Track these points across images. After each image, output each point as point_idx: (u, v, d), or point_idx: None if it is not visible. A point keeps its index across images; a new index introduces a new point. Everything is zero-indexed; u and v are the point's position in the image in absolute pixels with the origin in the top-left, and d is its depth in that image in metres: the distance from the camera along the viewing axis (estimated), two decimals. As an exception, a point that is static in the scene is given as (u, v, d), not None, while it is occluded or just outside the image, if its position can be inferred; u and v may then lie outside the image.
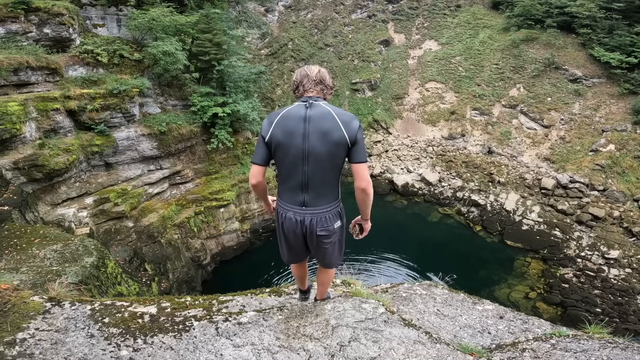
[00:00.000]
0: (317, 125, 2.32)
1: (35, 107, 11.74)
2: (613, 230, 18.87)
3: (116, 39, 15.18)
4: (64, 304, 2.33)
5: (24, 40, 12.40)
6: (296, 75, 2.57)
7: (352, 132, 2.33)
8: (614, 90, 24.27)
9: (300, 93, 2.53)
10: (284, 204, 2.53)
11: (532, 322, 2.82)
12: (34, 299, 2.30)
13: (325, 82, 2.52)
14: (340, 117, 2.34)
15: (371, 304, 2.51)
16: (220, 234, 18.08)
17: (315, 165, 2.35)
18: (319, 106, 2.39)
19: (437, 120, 29.12)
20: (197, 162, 17.91)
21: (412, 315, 2.77)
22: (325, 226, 2.47)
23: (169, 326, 2.26)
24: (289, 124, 2.36)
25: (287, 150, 2.37)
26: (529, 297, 16.66)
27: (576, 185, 21.15)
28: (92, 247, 8.55)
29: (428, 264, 18.15)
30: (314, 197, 2.44)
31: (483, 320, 2.82)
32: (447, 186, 24.64)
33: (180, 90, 16.93)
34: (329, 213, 2.49)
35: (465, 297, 3.23)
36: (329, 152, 2.32)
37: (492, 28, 31.57)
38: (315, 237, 2.49)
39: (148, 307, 2.42)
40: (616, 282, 16.81)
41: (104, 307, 2.33)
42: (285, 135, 2.35)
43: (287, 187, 2.49)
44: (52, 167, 11.72)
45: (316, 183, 2.41)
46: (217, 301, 2.69)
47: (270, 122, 2.43)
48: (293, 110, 2.42)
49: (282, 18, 36.09)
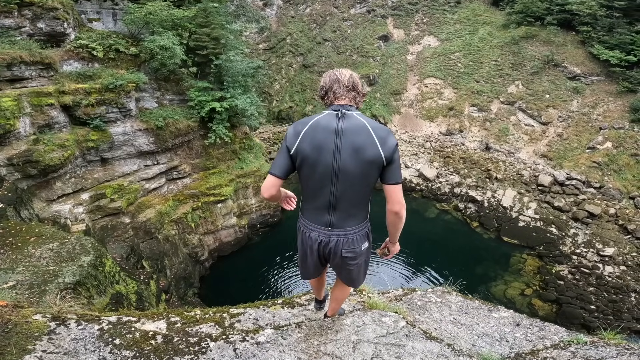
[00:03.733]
0: (350, 140, 2.06)
1: (30, 103, 11.53)
2: (608, 227, 19.03)
3: (112, 34, 14.94)
4: (69, 323, 2.23)
5: (17, 35, 12.13)
6: (324, 79, 2.28)
7: (389, 150, 2.08)
8: (612, 88, 24.33)
9: (330, 100, 2.24)
10: (307, 223, 2.31)
11: (548, 328, 2.79)
12: (36, 318, 2.20)
13: (358, 89, 2.24)
14: (377, 132, 2.08)
15: (391, 317, 2.44)
16: (218, 229, 18.01)
17: (345, 184, 2.12)
18: (353, 117, 2.12)
19: (436, 116, 29.08)
20: (195, 157, 17.76)
21: (430, 325, 2.72)
22: (351, 248, 2.28)
23: (184, 347, 2.15)
24: (318, 136, 2.09)
25: (314, 167, 2.12)
26: (524, 293, 16.78)
27: (573, 182, 21.26)
28: (89, 245, 8.41)
29: (425, 260, 18.24)
30: (341, 219, 2.22)
31: (500, 328, 2.78)
32: (445, 182, 24.68)
33: (177, 85, 16.72)
34: (356, 235, 2.28)
35: (480, 305, 3.19)
36: (362, 171, 2.08)
37: (492, 25, 31.47)
38: (340, 258, 2.31)
39: (157, 322, 2.32)
40: (611, 280, 16.96)
41: (112, 327, 2.23)
42: (314, 150, 2.08)
43: (312, 206, 2.27)
44: (47, 162, 11.56)
45: (345, 204, 2.18)
46: (229, 314, 2.60)
47: (296, 133, 2.15)
48: (323, 120, 2.13)
49: (281, 12, 35.71)
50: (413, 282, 16.77)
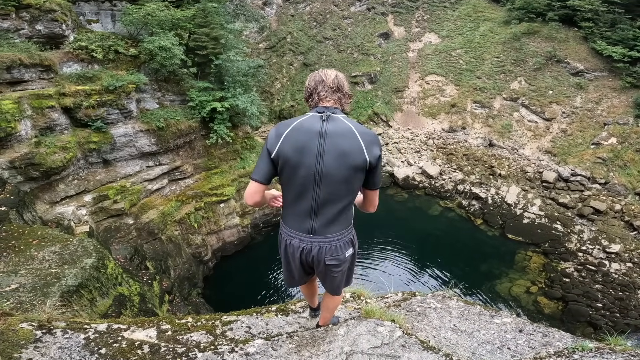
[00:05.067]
0: (335, 143, 1.98)
1: (30, 105, 11.53)
2: (614, 224, 18.82)
3: (111, 35, 14.90)
4: (55, 331, 2.18)
5: (16, 38, 12.12)
6: (309, 80, 2.21)
7: (374, 155, 2.01)
8: (616, 83, 24.07)
9: (315, 102, 2.16)
10: (288, 230, 2.21)
11: (552, 334, 2.70)
12: (23, 326, 2.17)
13: (344, 90, 2.17)
14: (363, 137, 2.00)
15: (387, 326, 2.36)
16: (221, 229, 18.00)
17: (328, 189, 2.03)
18: (338, 120, 2.04)
19: (438, 113, 28.91)
20: (197, 157, 17.76)
21: (428, 332, 2.64)
22: (335, 255, 2.18)
23: (171, 358, 2.08)
24: (300, 138, 2.00)
25: (296, 170, 2.03)
26: (530, 291, 16.65)
27: (577, 178, 21.05)
28: (91, 247, 8.42)
29: (429, 258, 18.14)
30: (324, 225, 2.12)
31: (502, 335, 2.69)
32: (448, 179, 24.53)
33: (177, 86, 16.70)
34: (339, 242, 2.18)
35: (482, 310, 3.11)
36: (346, 175, 2.00)
37: (493, 21, 31.21)
38: (324, 266, 2.21)
39: (147, 330, 2.27)
40: (617, 277, 16.78)
41: (99, 336, 2.17)
42: (296, 152, 1.99)
43: (293, 212, 2.17)
44: (49, 165, 11.56)
45: (327, 209, 2.09)
46: (221, 322, 2.54)
47: (278, 135, 2.05)
48: (306, 122, 2.05)
49: (280, 11, 35.58)
50: (416, 281, 16.68)
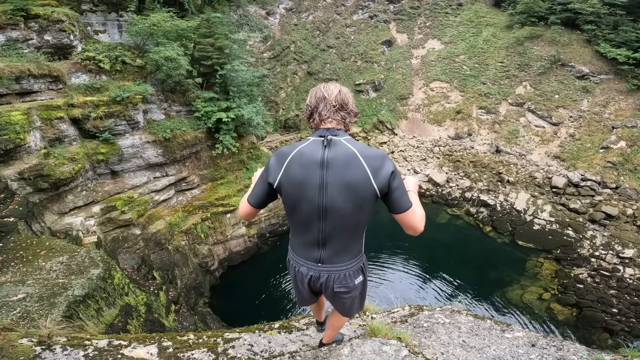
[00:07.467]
0: (338, 173, 1.78)
1: (39, 116, 11.66)
2: (627, 228, 18.42)
3: (118, 45, 15.11)
4: (54, 347, 2.14)
5: (24, 48, 12.23)
6: (310, 97, 1.99)
7: (382, 181, 1.78)
8: (622, 86, 23.81)
9: (316, 123, 1.95)
10: (297, 258, 2.09)
11: (566, 348, 2.59)
12: (22, 342, 2.12)
13: (348, 108, 1.95)
14: (369, 162, 1.78)
15: (392, 345, 2.26)
16: (227, 239, 17.98)
17: (335, 222, 1.85)
18: (341, 145, 1.83)
19: (443, 119, 28.78)
20: (203, 168, 17.84)
21: (436, 349, 2.54)
22: (344, 283, 2.05)
23: None
24: (300, 171, 1.82)
25: (298, 204, 1.86)
26: (542, 298, 16.29)
27: (588, 183, 20.70)
28: (98, 258, 8.43)
29: (437, 266, 17.88)
30: (332, 255, 1.97)
31: (513, 350, 2.58)
32: (455, 186, 24.30)
33: (183, 96, 16.86)
34: (349, 270, 2.04)
35: (492, 325, 2.99)
36: (353, 207, 1.82)
37: (495, 26, 31.21)
38: (332, 292, 2.09)
39: (148, 346, 2.21)
40: (632, 282, 16.37)
41: (98, 353, 2.11)
42: (296, 187, 1.83)
43: (300, 242, 2.04)
44: (58, 176, 11.65)
45: (336, 240, 1.93)
46: (223, 339, 2.47)
47: (279, 163, 1.89)
48: (307, 149, 1.85)
49: (284, 20, 36.02)
50: (425, 291, 16.42)
